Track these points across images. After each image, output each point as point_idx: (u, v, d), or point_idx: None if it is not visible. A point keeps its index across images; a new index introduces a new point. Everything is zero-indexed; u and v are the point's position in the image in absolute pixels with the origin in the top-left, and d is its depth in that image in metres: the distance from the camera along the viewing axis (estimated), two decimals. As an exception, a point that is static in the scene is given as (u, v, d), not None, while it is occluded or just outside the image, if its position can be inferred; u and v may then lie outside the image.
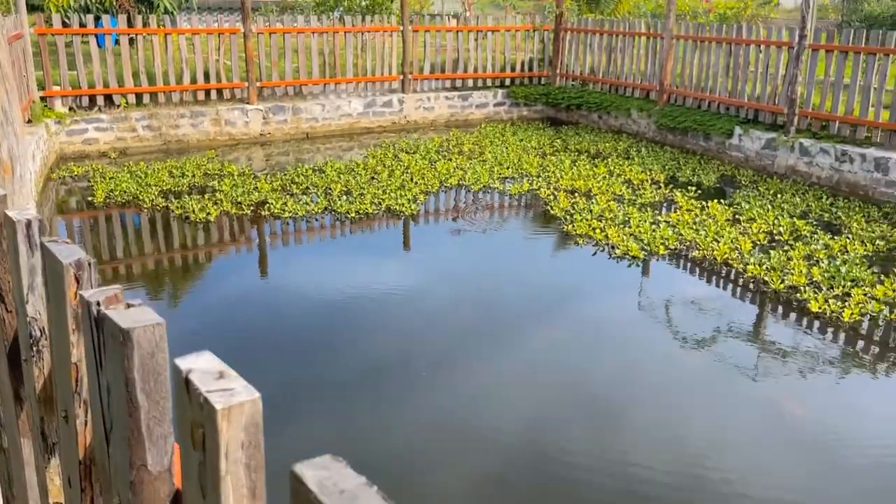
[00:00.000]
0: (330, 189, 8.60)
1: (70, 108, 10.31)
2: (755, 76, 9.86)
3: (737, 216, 7.64)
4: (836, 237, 6.92)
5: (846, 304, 5.49)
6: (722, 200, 8.19)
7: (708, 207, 7.85)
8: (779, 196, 8.36)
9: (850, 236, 6.96)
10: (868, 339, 5.15)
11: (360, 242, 7.21)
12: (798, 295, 5.72)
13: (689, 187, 8.79)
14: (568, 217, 7.66)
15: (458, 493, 3.64)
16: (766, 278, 6.03)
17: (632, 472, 3.72)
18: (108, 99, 10.59)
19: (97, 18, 10.79)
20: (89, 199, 8.25)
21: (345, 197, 8.24)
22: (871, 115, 8.49)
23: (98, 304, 0.86)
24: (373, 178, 9.10)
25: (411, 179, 9.03)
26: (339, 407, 4.38)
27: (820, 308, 5.44)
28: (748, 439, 4.04)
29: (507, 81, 13.62)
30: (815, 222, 7.45)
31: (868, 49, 8.41)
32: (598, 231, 7.12)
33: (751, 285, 6.03)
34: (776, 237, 7.04)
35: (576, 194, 8.47)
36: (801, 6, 9.05)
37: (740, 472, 3.73)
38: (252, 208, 7.97)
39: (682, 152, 10.75)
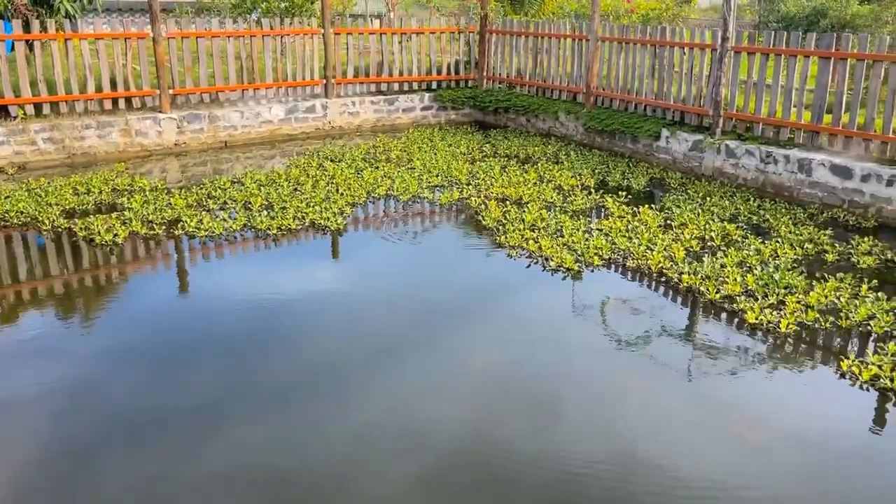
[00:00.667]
0: (250, 203, 8.14)
1: (-39, 121, 9.50)
2: (680, 78, 9.86)
3: (668, 221, 7.56)
4: (766, 241, 6.90)
5: (782, 313, 5.42)
6: (652, 205, 8.11)
7: (639, 213, 7.75)
8: (708, 199, 8.34)
9: (779, 240, 6.95)
10: (807, 349, 5.07)
11: (282, 261, 6.79)
12: (735, 305, 5.62)
13: (620, 192, 8.69)
14: (500, 227, 7.42)
15: (397, 492, 3.66)
16: (701, 288, 5.92)
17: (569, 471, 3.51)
18: (4, 110, 9.81)
19: (-11, 23, 9.98)
20: (-18, 221, 7.57)
21: (266, 211, 7.80)
22: (794, 116, 8.57)
23: None
24: (296, 189, 8.67)
25: (337, 190, 8.65)
26: (274, 416, 4.32)
27: (757, 319, 5.35)
28: (704, 467, 3.86)
29: (434, 85, 13.35)
30: (744, 226, 7.43)
31: (789, 51, 8.48)
32: (531, 242, 6.91)
33: (687, 296, 5.91)
34: (708, 243, 6.97)
35: (507, 202, 8.26)
36: (723, 8, 9.06)
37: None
38: (165, 227, 7.44)
39: (610, 155, 10.69)
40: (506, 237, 7.12)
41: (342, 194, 8.49)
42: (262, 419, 4.29)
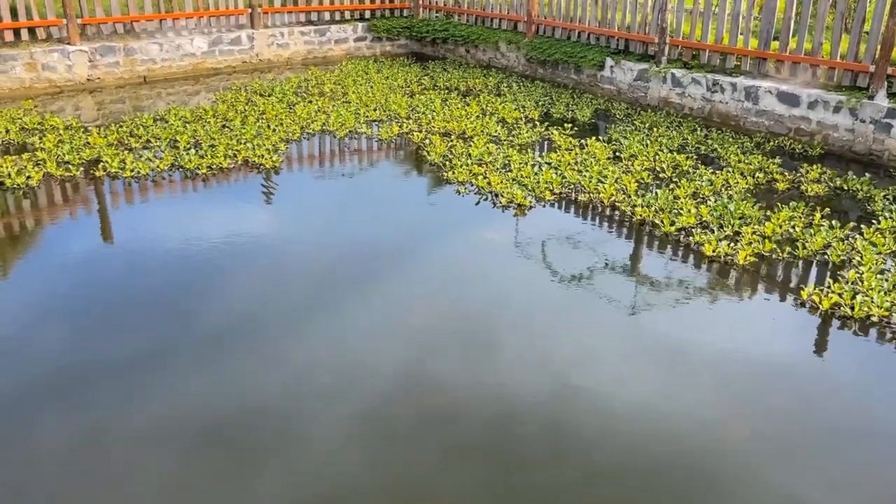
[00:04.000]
0: (176, 141, 7.55)
1: None
2: (625, 4, 9.53)
3: (617, 153, 7.36)
4: (717, 172, 6.78)
5: (739, 244, 5.31)
6: (599, 137, 7.89)
7: (587, 146, 7.53)
8: (654, 130, 8.17)
9: (730, 169, 6.85)
10: (766, 280, 4.97)
11: (216, 201, 6.30)
12: (691, 238, 5.48)
13: (565, 124, 8.44)
14: (447, 163, 7.09)
15: (341, 431, 3.51)
16: (655, 220, 5.76)
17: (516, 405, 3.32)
18: None
19: None
20: None
21: (194, 150, 7.24)
22: (741, 42, 8.40)
23: None
24: (224, 126, 8.10)
25: (268, 126, 8.12)
26: (218, 359, 4.05)
27: (714, 251, 5.22)
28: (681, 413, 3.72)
29: (368, 14, 12.69)
30: (693, 156, 7.30)
31: (736, -25, 8.24)
32: (480, 178, 6.60)
33: (642, 229, 5.75)
34: (659, 174, 6.81)
35: (451, 137, 7.90)
36: (668, -70, 8.73)
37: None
38: (83, 168, 6.84)
39: (553, 86, 10.39)
40: (453, 173, 6.80)
41: (274, 130, 7.97)
42: (199, 365, 3.96)
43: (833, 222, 5.64)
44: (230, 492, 3.10)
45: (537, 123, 8.48)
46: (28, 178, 6.52)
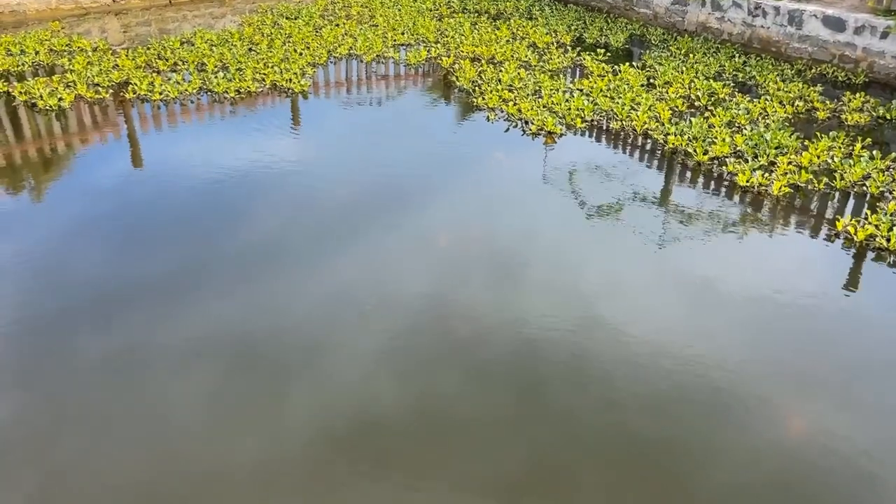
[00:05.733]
0: (203, 64, 7.49)
1: None
2: (664, -77, 9.13)
3: (651, 80, 7.16)
4: (754, 100, 6.58)
5: (773, 174, 5.19)
6: (633, 63, 7.68)
7: (620, 72, 7.33)
8: (691, 56, 7.92)
9: (768, 97, 6.64)
10: (800, 211, 4.88)
11: (245, 125, 6.28)
12: (724, 168, 5.37)
13: (598, 50, 8.21)
14: (476, 89, 6.96)
15: (367, 358, 3.51)
16: (688, 149, 5.64)
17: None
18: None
19: None
20: None
21: (221, 73, 7.18)
22: (785, -36, 8.02)
23: None
24: (251, 49, 8.00)
25: (295, 50, 8.00)
26: (242, 286, 4.07)
27: (748, 181, 5.12)
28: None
29: (395, -67, 12.27)
30: (730, 83, 7.08)
31: None
32: (510, 104, 6.49)
33: (674, 157, 5.64)
34: (694, 102, 6.63)
35: (481, 62, 7.74)
36: None
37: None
38: (113, 90, 6.84)
39: (587, 10, 10.07)
40: (482, 99, 6.69)
41: (301, 54, 7.87)
42: (229, 290, 4.01)
43: (874, 153, 5.47)
44: (261, 407, 3.19)
45: (569, 49, 8.26)
46: (60, 99, 6.54)
